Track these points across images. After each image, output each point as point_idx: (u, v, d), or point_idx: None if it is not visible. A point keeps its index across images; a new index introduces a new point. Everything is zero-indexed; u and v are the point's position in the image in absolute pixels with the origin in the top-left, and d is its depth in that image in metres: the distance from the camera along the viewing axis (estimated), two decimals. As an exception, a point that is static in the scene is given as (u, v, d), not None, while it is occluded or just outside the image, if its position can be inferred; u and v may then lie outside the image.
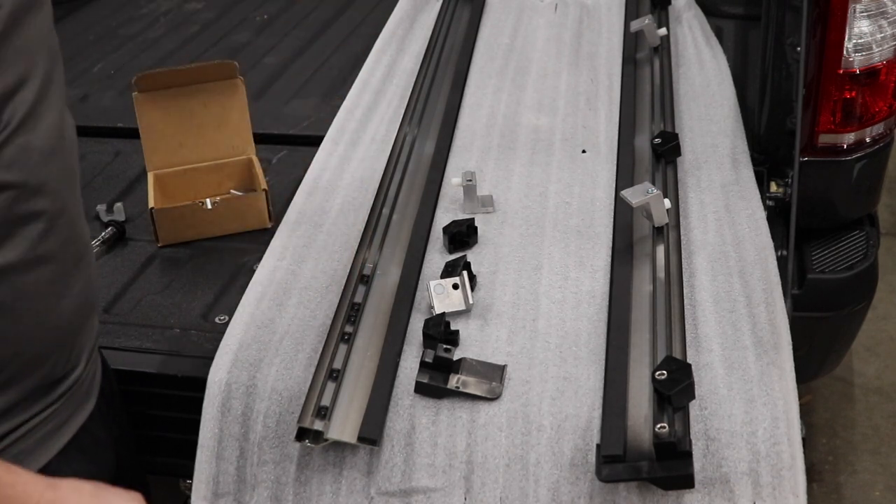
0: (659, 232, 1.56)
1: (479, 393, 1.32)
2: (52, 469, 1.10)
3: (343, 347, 1.38)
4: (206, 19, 2.77)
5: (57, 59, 1.10)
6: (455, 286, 1.45)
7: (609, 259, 1.55)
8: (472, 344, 1.40)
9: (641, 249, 1.54)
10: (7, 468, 0.95)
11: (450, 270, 1.49)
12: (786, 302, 1.47)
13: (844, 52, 1.75)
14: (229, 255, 1.74)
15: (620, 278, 1.48)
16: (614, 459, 1.19)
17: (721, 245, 1.57)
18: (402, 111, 2.03)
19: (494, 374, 1.34)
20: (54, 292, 1.08)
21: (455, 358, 1.35)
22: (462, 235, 1.61)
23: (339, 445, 1.29)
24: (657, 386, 1.25)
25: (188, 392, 1.42)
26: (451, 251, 1.60)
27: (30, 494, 0.94)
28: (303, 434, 1.27)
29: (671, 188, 1.70)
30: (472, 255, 1.57)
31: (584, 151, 1.86)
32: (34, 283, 1.04)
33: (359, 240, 1.62)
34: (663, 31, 2.15)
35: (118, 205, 1.95)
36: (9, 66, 1.00)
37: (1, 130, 0.99)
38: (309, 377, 1.34)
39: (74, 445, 1.13)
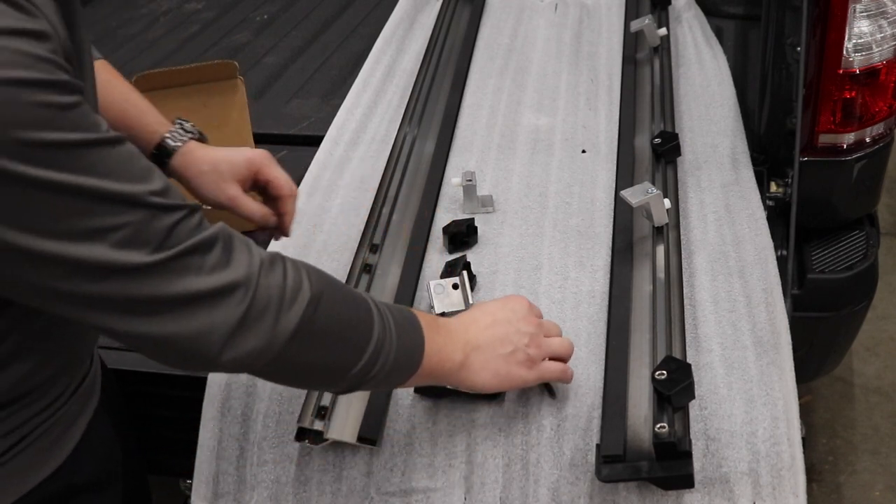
0: (659, 232, 1.56)
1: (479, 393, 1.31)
2: (65, 470, 1.10)
3: (343, 347, 1.37)
4: (206, 19, 2.76)
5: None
6: (455, 286, 1.45)
7: (609, 259, 1.55)
8: (472, 344, 1.40)
9: (641, 249, 1.54)
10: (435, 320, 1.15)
11: (450, 270, 1.49)
12: (786, 302, 1.47)
13: (844, 52, 1.75)
14: (229, 255, 1.74)
15: (620, 278, 1.48)
16: (614, 459, 1.19)
17: (721, 245, 1.57)
18: (402, 111, 2.03)
19: (494, 374, 1.34)
20: (70, 331, 1.07)
21: (455, 358, 1.34)
22: (462, 235, 1.61)
23: (338, 446, 1.29)
24: (657, 386, 1.25)
25: (188, 392, 1.42)
26: (451, 251, 1.60)
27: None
28: (302, 434, 1.27)
29: (671, 188, 1.69)
30: (472, 255, 1.57)
31: (584, 151, 1.86)
32: (47, 327, 1.04)
33: (359, 240, 1.62)
34: (663, 31, 2.15)
35: (118, 205, 1.95)
36: None
37: None
38: (309, 377, 1.34)
39: (85, 445, 1.13)
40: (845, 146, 1.83)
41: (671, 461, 1.18)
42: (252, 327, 0.93)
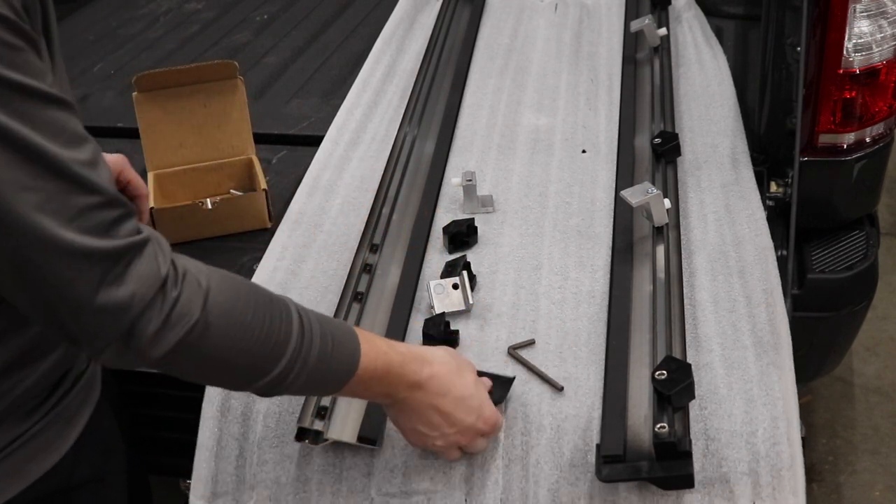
0: (659, 232, 1.56)
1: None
2: (68, 462, 1.11)
3: (343, 347, 1.37)
4: (206, 19, 2.76)
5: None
6: (455, 286, 1.45)
7: (609, 259, 1.55)
8: (472, 344, 1.40)
9: (641, 249, 1.54)
10: (389, 343, 1.13)
11: (450, 270, 1.49)
12: (786, 302, 1.47)
13: (844, 52, 1.75)
14: (229, 255, 1.74)
15: (620, 278, 1.48)
16: (614, 459, 1.19)
17: (721, 245, 1.57)
18: (402, 111, 2.03)
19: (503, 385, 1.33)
20: None
21: (455, 358, 1.34)
22: (462, 235, 1.61)
23: (339, 446, 1.29)
24: (657, 386, 1.25)
25: (188, 392, 1.42)
26: (451, 251, 1.60)
27: (415, 371, 1.13)
28: (302, 434, 1.27)
29: (671, 188, 1.70)
30: (472, 255, 1.57)
31: (584, 151, 1.86)
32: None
33: (359, 240, 1.62)
34: (663, 31, 2.15)
35: (118, 205, 1.95)
36: None
37: None
38: (309, 377, 1.34)
39: (87, 437, 1.14)
40: (845, 146, 1.83)
41: (671, 461, 1.18)
42: (124, 347, 0.90)
